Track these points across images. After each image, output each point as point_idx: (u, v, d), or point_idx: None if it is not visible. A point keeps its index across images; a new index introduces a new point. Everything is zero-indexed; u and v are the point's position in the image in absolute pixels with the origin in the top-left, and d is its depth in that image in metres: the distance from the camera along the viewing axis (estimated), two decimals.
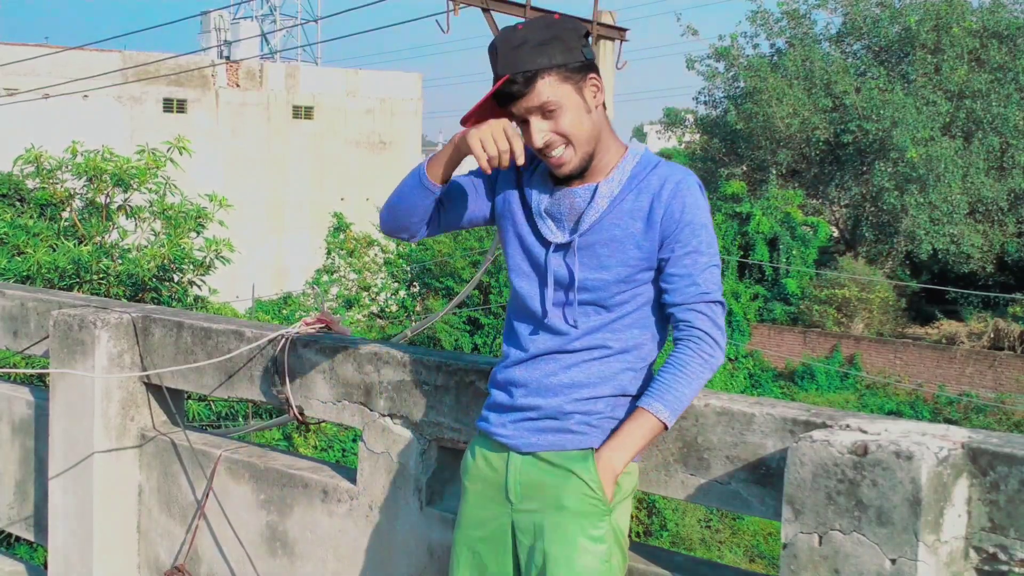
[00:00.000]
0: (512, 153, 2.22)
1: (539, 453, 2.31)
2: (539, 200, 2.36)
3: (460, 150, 2.33)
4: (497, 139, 2.21)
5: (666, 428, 2.24)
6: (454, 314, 23.08)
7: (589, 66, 2.27)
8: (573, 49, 2.24)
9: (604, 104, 2.33)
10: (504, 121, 2.24)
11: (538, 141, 2.24)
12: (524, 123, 2.27)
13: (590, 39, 2.31)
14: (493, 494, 2.37)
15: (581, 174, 2.31)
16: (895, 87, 30.05)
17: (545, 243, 2.34)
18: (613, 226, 2.27)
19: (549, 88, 2.21)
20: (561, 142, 2.25)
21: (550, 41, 2.22)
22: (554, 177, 2.36)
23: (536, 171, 2.41)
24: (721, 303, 2.28)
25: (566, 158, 2.26)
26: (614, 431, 2.29)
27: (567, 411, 2.28)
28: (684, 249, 2.25)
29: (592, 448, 2.28)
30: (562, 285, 2.31)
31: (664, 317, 2.35)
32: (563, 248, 2.31)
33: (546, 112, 2.23)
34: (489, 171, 2.25)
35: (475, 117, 2.30)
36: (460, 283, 24.23)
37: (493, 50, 2.23)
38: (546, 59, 2.20)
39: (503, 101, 2.25)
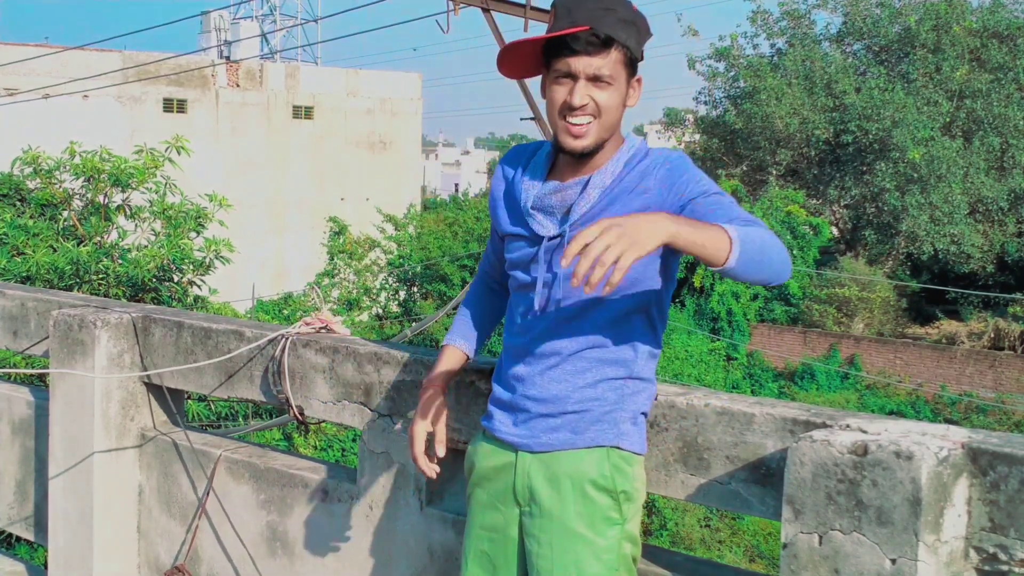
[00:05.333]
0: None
1: (548, 453, 2.26)
2: (527, 197, 2.33)
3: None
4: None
5: (728, 257, 1.98)
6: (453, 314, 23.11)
7: (638, 67, 2.29)
8: (641, 44, 2.26)
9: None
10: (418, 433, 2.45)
11: (578, 99, 2.20)
12: (563, 77, 2.22)
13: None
14: (500, 498, 2.33)
15: (585, 156, 2.27)
16: (895, 87, 30.05)
17: (538, 238, 2.31)
18: (604, 213, 2.23)
19: (615, 62, 2.21)
20: (593, 113, 2.22)
21: (633, 23, 2.23)
22: (547, 171, 2.35)
23: (526, 170, 2.38)
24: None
25: (587, 131, 2.23)
26: (623, 419, 2.27)
27: (575, 408, 2.24)
28: (704, 197, 2.17)
29: (604, 446, 2.24)
30: (555, 278, 2.28)
31: (662, 308, 2.31)
32: (556, 240, 2.28)
33: (599, 81, 2.21)
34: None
35: (510, 55, 2.29)
36: (451, 287, 24.25)
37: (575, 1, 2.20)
38: (625, 35, 2.20)
39: (555, 51, 2.21)
